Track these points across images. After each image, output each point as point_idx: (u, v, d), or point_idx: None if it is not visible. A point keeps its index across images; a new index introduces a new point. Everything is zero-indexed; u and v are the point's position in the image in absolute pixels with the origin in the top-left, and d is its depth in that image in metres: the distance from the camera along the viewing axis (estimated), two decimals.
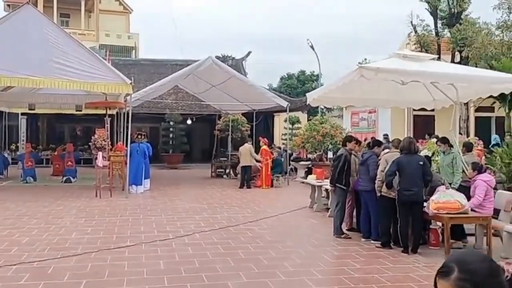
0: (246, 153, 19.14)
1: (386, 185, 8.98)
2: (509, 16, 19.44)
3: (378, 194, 9.23)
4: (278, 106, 22.71)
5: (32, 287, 6.67)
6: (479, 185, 9.08)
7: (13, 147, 27.95)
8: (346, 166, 10.04)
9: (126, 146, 17.02)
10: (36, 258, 8.08)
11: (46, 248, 8.83)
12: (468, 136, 20.02)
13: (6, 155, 23.98)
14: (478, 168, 9.47)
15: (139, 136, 17.86)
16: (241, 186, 18.90)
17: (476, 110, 23.88)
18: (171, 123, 30.50)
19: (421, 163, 8.81)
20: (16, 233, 10.01)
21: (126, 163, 16.63)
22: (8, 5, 41.10)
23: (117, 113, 21.37)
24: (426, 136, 19.99)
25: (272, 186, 19.32)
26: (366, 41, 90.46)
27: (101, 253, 8.46)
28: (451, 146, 11.19)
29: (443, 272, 1.80)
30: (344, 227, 10.36)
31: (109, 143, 18.67)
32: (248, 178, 19.14)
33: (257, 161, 19.34)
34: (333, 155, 11.21)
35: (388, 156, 9.38)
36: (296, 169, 23.31)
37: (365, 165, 9.76)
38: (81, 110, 22.74)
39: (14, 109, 24.82)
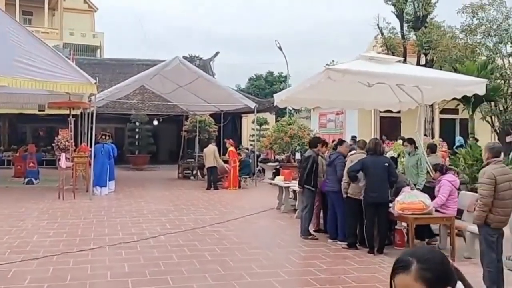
0: (210, 154, 19.08)
1: (350, 179, 9.00)
2: (472, 20, 19.73)
3: (344, 196, 9.26)
4: (246, 107, 22.67)
5: None
6: (444, 185, 9.21)
7: None
8: (314, 167, 10.04)
9: (90, 147, 16.74)
10: None
11: (6, 251, 8.60)
12: (433, 137, 20.29)
13: None
14: (440, 169, 9.63)
15: (104, 137, 17.62)
16: (208, 188, 18.79)
17: (441, 112, 24.23)
18: (137, 123, 30.17)
19: (386, 164, 8.87)
20: None
21: (90, 164, 16.34)
22: None
23: (81, 113, 21.04)
24: (383, 137, 20.29)
25: (239, 187, 19.27)
26: (335, 43, 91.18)
27: (64, 256, 8.27)
28: (416, 147, 11.32)
29: (402, 267, 1.86)
30: (311, 228, 10.37)
31: (73, 144, 18.38)
32: (214, 179, 19.04)
33: (225, 161, 19.29)
34: (301, 156, 11.16)
35: (354, 157, 9.43)
36: (264, 170, 23.30)
37: (332, 166, 9.77)
38: (44, 110, 22.24)
39: None
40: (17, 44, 15.01)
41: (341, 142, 10.65)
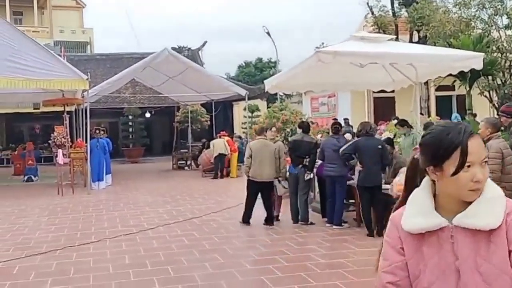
0: (220, 143, 19.09)
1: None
2: None
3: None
4: (236, 95, 22.66)
5: None
6: None
7: None
8: None
9: (86, 142, 16.81)
10: (1, 258, 7.95)
11: (10, 248, 8.70)
12: (429, 116, 20.14)
13: None
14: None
15: (98, 131, 17.67)
16: (215, 177, 18.80)
17: (437, 89, 23.66)
18: (130, 117, 30.22)
19: (380, 147, 8.88)
20: None
21: (86, 160, 16.44)
22: None
23: (75, 109, 21.06)
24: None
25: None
26: (325, 25, 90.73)
27: (66, 251, 8.36)
28: (410, 127, 11.22)
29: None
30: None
31: (69, 140, 18.46)
32: (222, 167, 19.04)
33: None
34: (291, 142, 10.94)
35: (252, 144, 9.97)
36: None
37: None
38: (39, 108, 22.33)
39: None
40: (9, 44, 15.09)
41: (336, 129, 10.24)
